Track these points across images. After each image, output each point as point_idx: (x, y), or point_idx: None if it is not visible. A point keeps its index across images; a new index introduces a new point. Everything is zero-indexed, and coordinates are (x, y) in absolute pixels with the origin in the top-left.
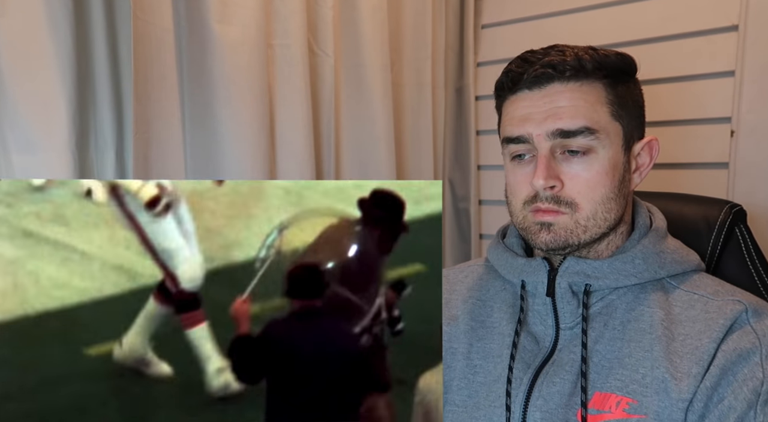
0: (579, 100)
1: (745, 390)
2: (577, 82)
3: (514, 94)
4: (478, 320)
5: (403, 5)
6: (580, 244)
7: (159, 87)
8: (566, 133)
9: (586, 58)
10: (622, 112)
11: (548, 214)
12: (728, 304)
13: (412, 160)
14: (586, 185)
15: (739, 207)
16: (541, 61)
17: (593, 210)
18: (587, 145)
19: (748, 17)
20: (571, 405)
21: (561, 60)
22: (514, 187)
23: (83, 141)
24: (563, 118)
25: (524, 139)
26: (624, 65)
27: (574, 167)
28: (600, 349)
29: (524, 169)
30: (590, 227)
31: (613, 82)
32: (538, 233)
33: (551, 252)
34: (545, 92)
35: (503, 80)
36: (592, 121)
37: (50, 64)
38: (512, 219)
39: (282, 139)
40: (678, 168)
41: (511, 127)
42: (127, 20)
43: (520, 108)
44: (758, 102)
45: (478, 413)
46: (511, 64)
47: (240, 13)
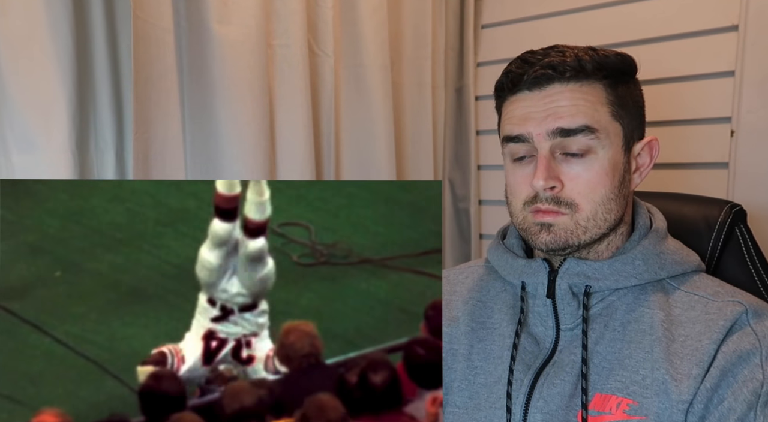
0: (579, 99)
1: (745, 391)
2: (577, 82)
3: (514, 95)
4: (479, 321)
5: (403, 5)
6: (580, 245)
7: (159, 87)
8: (566, 132)
9: (586, 58)
10: (622, 113)
11: (548, 215)
12: (728, 305)
13: (412, 160)
14: (586, 186)
15: (739, 207)
16: (541, 62)
17: (593, 210)
18: (587, 145)
19: (748, 17)
20: (572, 406)
21: (561, 61)
22: (514, 188)
23: (83, 141)
24: (563, 117)
25: (524, 138)
26: (624, 65)
27: (574, 168)
28: (600, 350)
29: (524, 170)
30: (590, 228)
31: (613, 82)
32: (538, 234)
33: (551, 252)
34: (545, 93)
35: (503, 81)
36: (592, 120)
37: (50, 64)
38: (512, 219)
39: (282, 139)
40: (678, 168)
41: (510, 126)
42: (127, 20)
43: (520, 107)
44: (758, 102)
45: (478, 414)
46: (511, 65)
47: (240, 13)
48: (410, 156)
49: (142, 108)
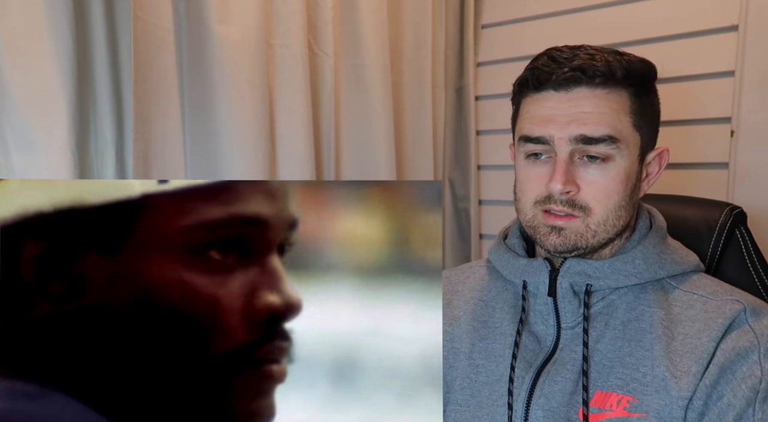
0: (605, 107)
1: (744, 388)
2: (604, 89)
3: (539, 93)
4: (480, 320)
5: (403, 5)
6: (587, 248)
7: (159, 87)
8: (589, 140)
9: (616, 64)
10: (642, 123)
11: (560, 219)
12: (727, 304)
13: (412, 160)
14: (602, 191)
15: (739, 209)
16: (570, 64)
17: (605, 216)
18: (607, 153)
19: (748, 17)
20: (573, 403)
21: (591, 64)
22: (526, 185)
23: (83, 141)
24: (588, 124)
25: (544, 140)
26: (648, 73)
27: (592, 173)
28: (601, 348)
29: (539, 169)
30: (600, 232)
31: (637, 91)
32: (547, 235)
33: (558, 254)
34: (571, 96)
35: (528, 77)
36: (615, 130)
37: (50, 64)
38: (519, 216)
39: (282, 139)
40: (678, 168)
41: (531, 125)
42: (127, 20)
43: (543, 108)
44: (758, 102)
45: (480, 412)
46: (538, 61)
47: (240, 13)
48: (410, 156)
49: (142, 108)
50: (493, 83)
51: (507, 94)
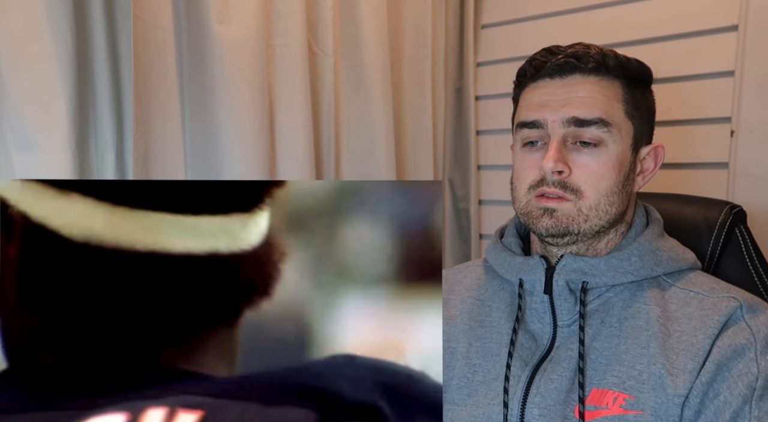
0: (597, 93)
1: (740, 385)
2: (597, 75)
3: (535, 82)
4: (477, 319)
5: (403, 5)
6: (579, 233)
7: (159, 87)
8: (581, 122)
9: (610, 55)
10: (635, 113)
11: (552, 201)
12: (723, 301)
13: (412, 160)
14: (593, 175)
15: (739, 208)
16: (565, 52)
17: (597, 200)
18: (599, 137)
19: (748, 17)
20: (569, 401)
21: (585, 52)
22: (521, 172)
23: (83, 141)
24: (580, 108)
25: (539, 124)
26: (643, 71)
27: (584, 157)
28: (597, 346)
29: (534, 155)
30: (591, 217)
31: (630, 84)
32: (540, 218)
33: (550, 238)
34: (566, 82)
35: (526, 67)
36: (607, 115)
37: (50, 64)
38: (514, 205)
39: (282, 139)
40: (678, 168)
41: (527, 111)
42: (127, 20)
43: (538, 95)
44: (758, 102)
45: (477, 411)
46: (536, 54)
47: (240, 13)
48: (410, 156)
49: (142, 108)
50: (493, 83)
51: (507, 94)
